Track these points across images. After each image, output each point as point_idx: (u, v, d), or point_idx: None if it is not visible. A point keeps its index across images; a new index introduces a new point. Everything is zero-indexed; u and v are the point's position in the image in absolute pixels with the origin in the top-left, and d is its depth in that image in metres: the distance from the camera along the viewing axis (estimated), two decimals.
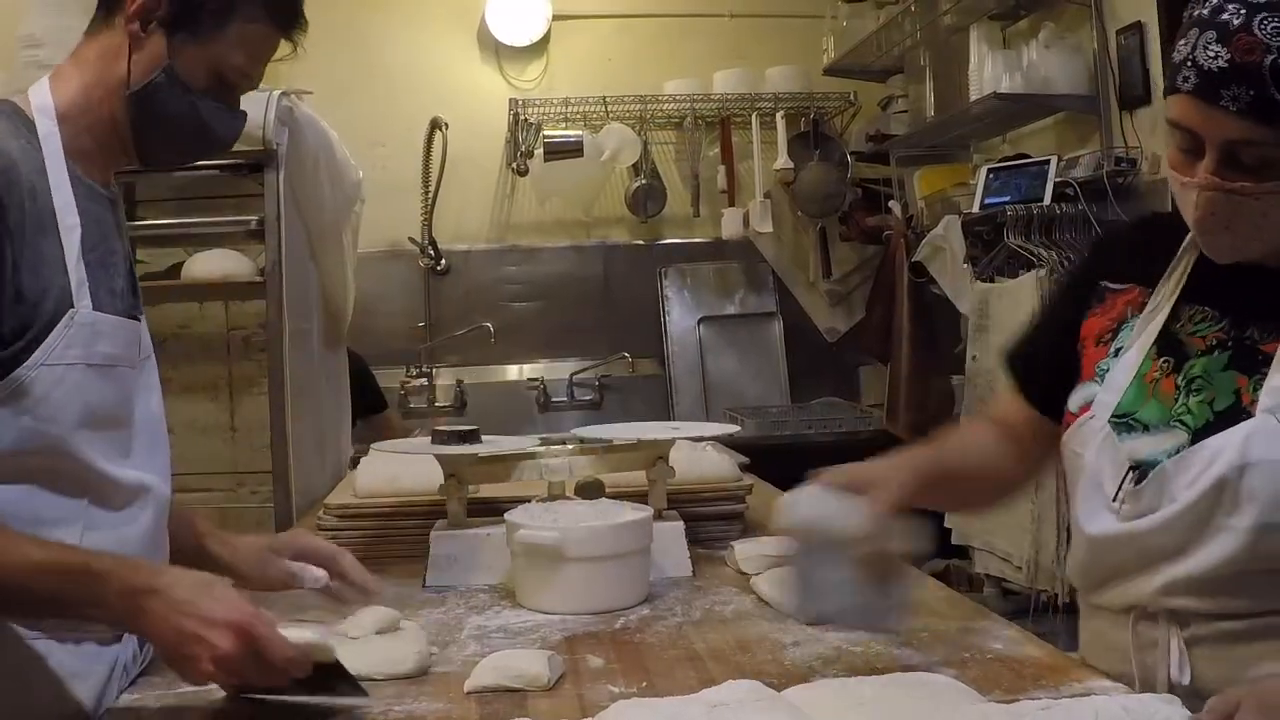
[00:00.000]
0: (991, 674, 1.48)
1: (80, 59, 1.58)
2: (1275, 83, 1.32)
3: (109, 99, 1.55)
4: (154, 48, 1.54)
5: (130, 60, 1.54)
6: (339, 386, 3.60)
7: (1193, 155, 1.42)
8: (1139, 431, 1.51)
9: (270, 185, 3.01)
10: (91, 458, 1.49)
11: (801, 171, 4.94)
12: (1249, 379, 1.45)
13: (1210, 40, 1.36)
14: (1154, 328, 1.55)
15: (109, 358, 1.52)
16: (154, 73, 1.55)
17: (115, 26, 1.55)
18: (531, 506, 1.98)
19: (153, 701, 1.49)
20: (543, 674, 1.48)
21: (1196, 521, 1.42)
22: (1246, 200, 1.39)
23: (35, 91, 1.54)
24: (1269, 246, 1.43)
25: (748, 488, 2.43)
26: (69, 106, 1.54)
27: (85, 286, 1.49)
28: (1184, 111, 1.41)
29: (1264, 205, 1.38)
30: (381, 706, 1.43)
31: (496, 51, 5.06)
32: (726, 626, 1.75)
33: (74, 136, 1.53)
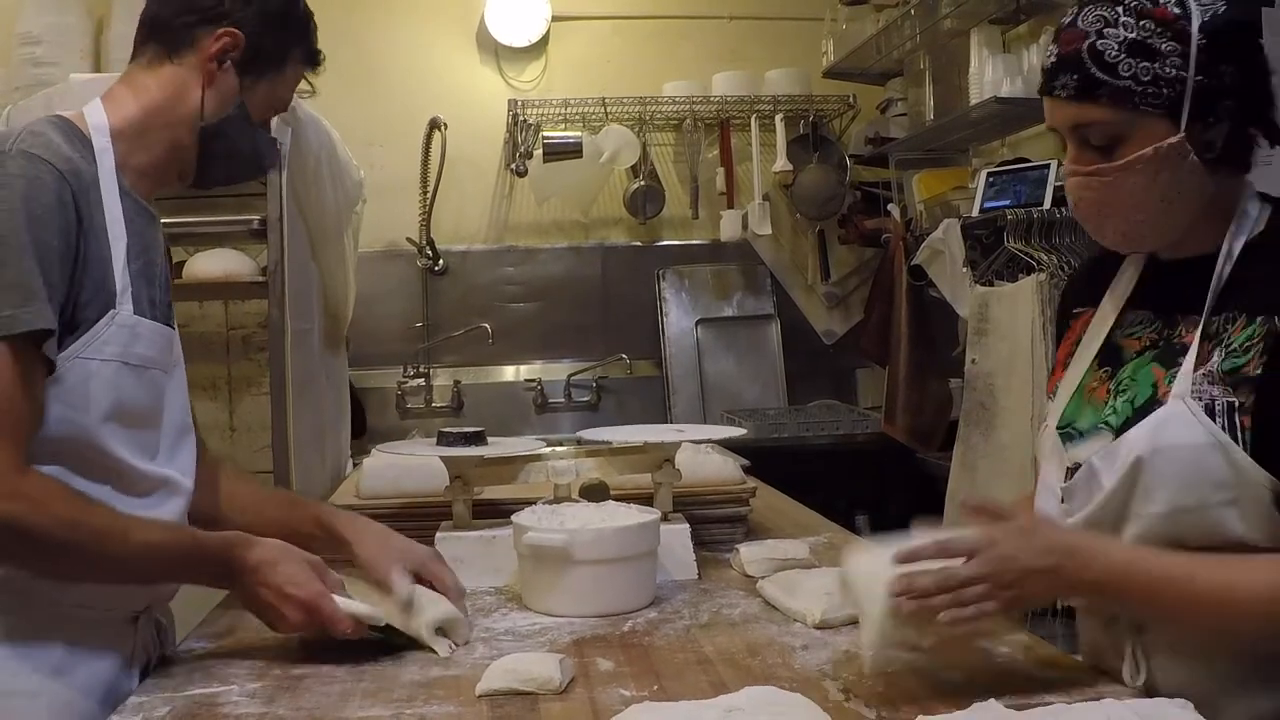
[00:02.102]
0: (1002, 678, 1.48)
1: (137, 86, 1.70)
2: (1095, 63, 1.43)
3: (172, 126, 1.70)
4: (227, 85, 1.72)
5: (204, 95, 1.69)
6: (339, 386, 3.60)
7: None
8: (1077, 438, 1.57)
9: (273, 185, 3.01)
10: (116, 451, 1.58)
11: (800, 174, 4.94)
12: (1166, 371, 1.49)
13: (1049, 43, 1.51)
14: (1095, 342, 1.61)
15: (144, 359, 1.61)
16: (228, 108, 1.72)
17: (184, 63, 1.69)
18: (538, 509, 1.98)
19: (160, 703, 1.49)
20: (554, 677, 1.48)
21: (1118, 510, 1.46)
22: (1107, 180, 1.47)
23: (91, 111, 1.66)
24: (1154, 226, 1.50)
25: (751, 490, 2.44)
26: (125, 127, 1.66)
27: (129, 292, 1.59)
28: (1046, 113, 1.53)
29: (1124, 181, 1.46)
30: (392, 710, 1.43)
31: (495, 52, 5.05)
32: (735, 630, 1.76)
33: (127, 155, 1.66)
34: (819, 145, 5.00)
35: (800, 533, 2.43)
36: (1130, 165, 1.45)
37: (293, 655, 1.68)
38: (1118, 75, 1.43)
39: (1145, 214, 1.48)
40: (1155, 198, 1.46)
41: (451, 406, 4.88)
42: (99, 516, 1.51)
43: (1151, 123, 1.43)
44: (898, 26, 4.34)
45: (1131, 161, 1.45)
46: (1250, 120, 1.46)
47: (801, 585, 1.85)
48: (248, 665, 1.65)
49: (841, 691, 1.45)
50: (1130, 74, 1.42)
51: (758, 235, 4.92)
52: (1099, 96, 1.44)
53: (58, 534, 1.46)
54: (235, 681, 1.57)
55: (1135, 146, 1.45)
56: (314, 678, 1.58)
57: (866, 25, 4.55)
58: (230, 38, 1.68)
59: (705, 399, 4.93)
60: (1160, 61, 1.42)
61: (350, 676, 1.58)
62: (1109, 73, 1.43)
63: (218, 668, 1.64)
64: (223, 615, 1.92)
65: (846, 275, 5.19)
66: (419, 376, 4.85)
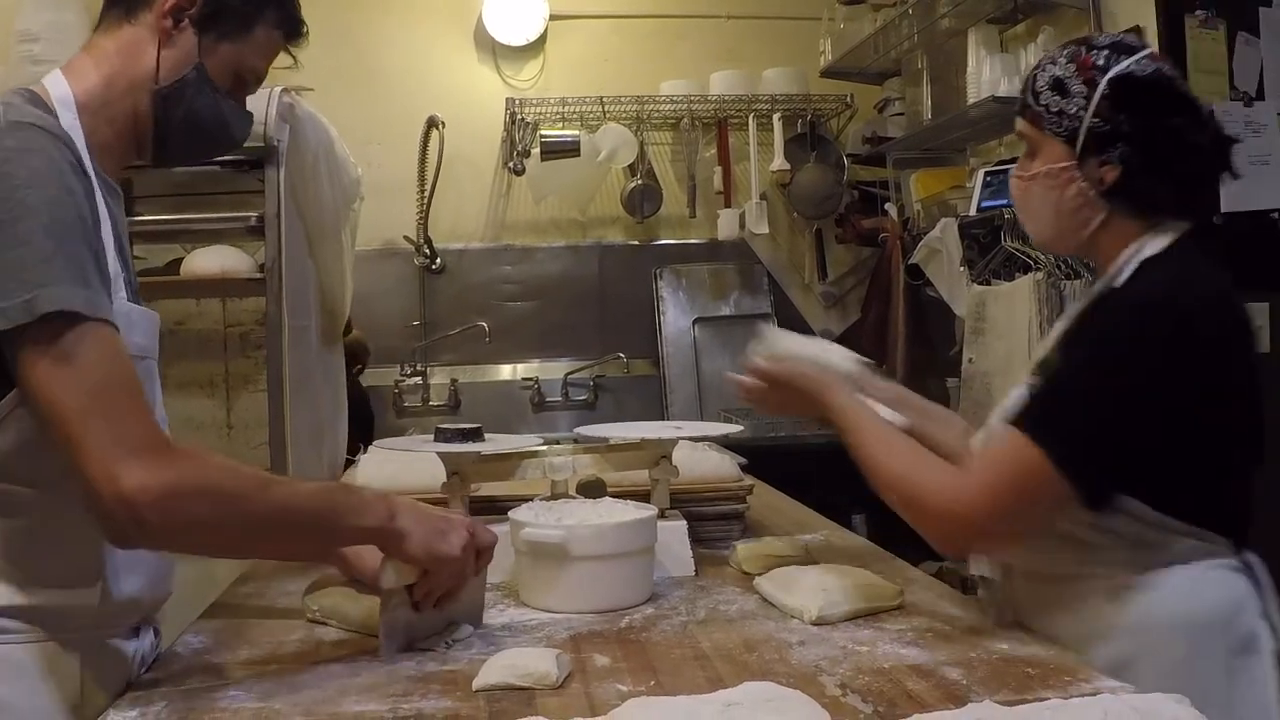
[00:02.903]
0: (999, 674, 1.48)
1: (98, 53, 1.59)
2: (1030, 89, 1.75)
3: (132, 92, 1.57)
4: (184, 45, 1.59)
5: (159, 56, 1.57)
6: (336, 384, 3.59)
7: None
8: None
9: (270, 182, 3.01)
10: None
11: (798, 173, 4.95)
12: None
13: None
14: (1036, 357, 1.87)
15: (140, 349, 1.54)
16: (184, 70, 1.59)
17: (140, 23, 1.58)
18: (535, 505, 1.98)
19: (160, 695, 1.49)
20: (551, 672, 1.48)
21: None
22: (1023, 183, 1.79)
23: (53, 83, 1.54)
24: (1051, 232, 1.79)
25: (749, 488, 2.44)
26: (88, 99, 1.54)
27: (121, 278, 1.51)
28: None
29: (1032, 187, 1.77)
30: (389, 705, 1.43)
31: (493, 51, 5.06)
32: (732, 626, 1.76)
33: (93, 129, 1.54)
34: (816, 144, 5.02)
35: (797, 530, 2.43)
36: (1035, 176, 1.76)
37: (289, 650, 1.68)
38: (1038, 102, 1.73)
39: (1043, 220, 1.79)
40: (1050, 208, 1.76)
41: (449, 405, 4.89)
42: (250, 480, 1.46)
43: (1054, 146, 1.73)
44: (895, 26, 4.35)
45: (1036, 173, 1.76)
46: (1149, 171, 1.68)
47: (798, 582, 1.85)
48: (244, 660, 1.64)
49: (838, 687, 1.44)
50: (1045, 103, 1.72)
51: (755, 234, 4.93)
52: (1024, 115, 1.78)
53: (213, 503, 1.39)
54: (232, 676, 1.57)
55: (1041, 162, 1.75)
56: (310, 673, 1.57)
57: (864, 25, 4.56)
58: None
59: (702, 398, 4.94)
60: (1068, 99, 1.70)
61: (347, 671, 1.57)
62: (1034, 99, 1.74)
63: (214, 663, 1.63)
64: (220, 611, 1.92)
65: (844, 274, 5.20)
66: (416, 375, 4.86)
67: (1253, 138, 3.35)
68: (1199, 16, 3.33)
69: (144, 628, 1.65)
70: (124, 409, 1.35)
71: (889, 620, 1.76)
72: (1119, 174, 1.68)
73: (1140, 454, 1.59)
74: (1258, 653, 1.64)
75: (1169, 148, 1.68)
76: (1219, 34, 3.34)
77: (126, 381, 1.37)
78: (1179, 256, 1.67)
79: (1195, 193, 1.73)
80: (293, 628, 1.81)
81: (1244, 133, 3.34)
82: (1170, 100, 1.69)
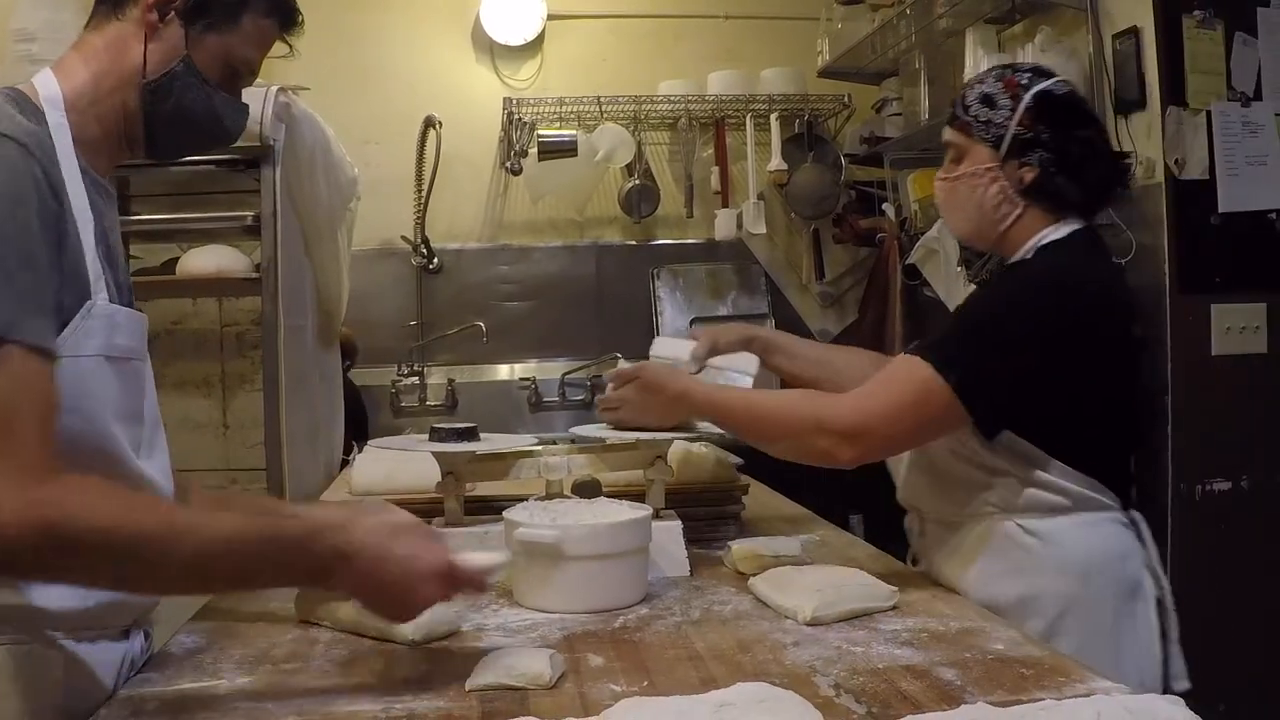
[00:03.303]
0: (993, 674, 1.48)
1: (86, 50, 1.58)
2: (960, 104, 2.05)
3: (121, 89, 1.56)
4: (171, 38, 1.57)
5: (146, 50, 1.55)
6: (332, 383, 3.59)
7: None
8: None
9: (266, 181, 3.01)
10: (124, 452, 1.50)
11: (795, 173, 4.94)
12: None
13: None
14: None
15: (126, 350, 1.52)
16: (172, 63, 1.57)
17: (127, 18, 1.56)
18: (530, 505, 1.97)
19: (152, 695, 1.49)
20: (544, 672, 1.48)
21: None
22: (949, 185, 2.08)
23: (41, 82, 1.53)
24: (974, 228, 2.06)
25: (744, 487, 2.44)
26: (77, 97, 1.54)
27: (102, 279, 1.48)
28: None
29: (957, 187, 2.05)
30: (382, 705, 1.43)
31: (491, 50, 5.05)
32: (726, 626, 1.75)
33: (82, 127, 1.53)
34: (814, 144, 5.01)
35: (793, 530, 2.43)
36: (962, 176, 2.04)
37: (282, 651, 1.68)
38: (968, 113, 2.03)
39: (967, 215, 2.06)
40: (974, 204, 2.03)
41: (446, 405, 4.88)
42: (150, 517, 1.33)
43: (980, 150, 2.02)
44: (893, 26, 4.34)
45: (963, 174, 2.04)
46: (1062, 173, 1.98)
47: (793, 582, 1.84)
48: (237, 659, 1.64)
49: (832, 687, 1.44)
50: (975, 114, 2.02)
51: (752, 234, 4.92)
52: (954, 125, 2.07)
53: (91, 540, 1.28)
54: (225, 676, 1.56)
55: (967, 165, 2.04)
56: (303, 672, 1.57)
57: (862, 25, 4.55)
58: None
59: None
60: (996, 110, 2.00)
61: (339, 672, 1.57)
62: (964, 111, 2.04)
63: (207, 662, 1.63)
64: (213, 611, 1.92)
65: (841, 275, 5.19)
66: (413, 375, 4.85)
67: (1250, 138, 3.35)
68: (1196, 16, 3.32)
69: (134, 630, 1.64)
70: (12, 434, 1.29)
71: (884, 620, 1.75)
72: (1036, 174, 1.98)
73: (1030, 396, 1.89)
74: (1143, 599, 1.95)
75: (1079, 154, 1.99)
76: (1216, 34, 3.33)
77: (23, 406, 1.31)
78: (1073, 244, 1.99)
79: (1099, 195, 2.06)
80: (285, 628, 1.80)
81: (1241, 133, 3.34)
82: (1081, 116, 2.03)
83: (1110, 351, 1.97)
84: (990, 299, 1.99)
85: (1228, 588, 3.22)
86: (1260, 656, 3.23)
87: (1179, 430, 3.24)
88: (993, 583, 1.94)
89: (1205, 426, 3.25)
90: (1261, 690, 3.23)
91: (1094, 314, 1.94)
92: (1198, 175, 3.29)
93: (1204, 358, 3.27)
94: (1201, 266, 3.28)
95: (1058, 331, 1.89)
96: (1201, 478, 3.27)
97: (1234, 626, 3.20)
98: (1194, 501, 3.25)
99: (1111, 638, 1.90)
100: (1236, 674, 3.20)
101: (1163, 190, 3.27)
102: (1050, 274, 1.95)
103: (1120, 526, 1.98)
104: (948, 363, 1.87)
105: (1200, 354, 3.27)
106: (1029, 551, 1.94)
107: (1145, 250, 3.30)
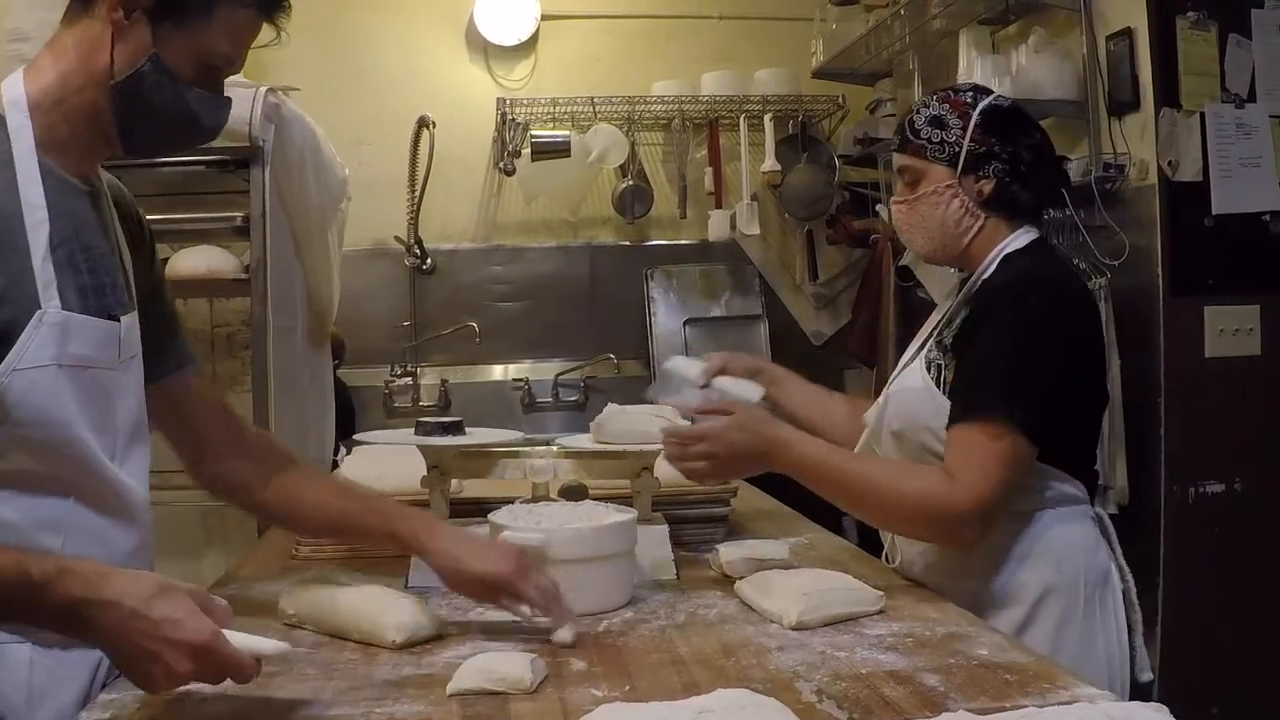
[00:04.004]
0: (977, 680, 1.47)
1: (57, 49, 1.55)
2: (909, 128, 2.11)
3: (89, 88, 1.53)
4: (138, 37, 1.52)
5: (113, 50, 1.52)
6: (322, 384, 3.58)
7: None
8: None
9: (255, 182, 3.01)
10: (98, 458, 1.48)
11: (789, 174, 4.93)
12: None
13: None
14: (921, 336, 2.23)
15: (82, 359, 1.49)
16: (139, 62, 1.53)
17: (95, 16, 1.52)
18: (515, 507, 1.96)
19: (130, 700, 1.47)
20: (525, 677, 1.47)
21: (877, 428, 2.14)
22: (908, 208, 2.13)
23: (8, 85, 1.52)
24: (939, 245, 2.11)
25: (733, 491, 2.43)
26: (43, 97, 1.52)
27: (53, 285, 1.45)
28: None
29: (917, 208, 2.11)
30: (362, 709, 1.42)
31: (485, 50, 5.04)
32: (710, 630, 1.74)
33: (48, 128, 1.51)
34: (807, 145, 5.00)
35: (781, 533, 2.42)
36: (921, 197, 2.10)
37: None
38: (919, 137, 2.09)
39: (930, 234, 2.11)
40: (935, 224, 2.09)
41: (439, 405, 4.87)
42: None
43: (937, 170, 2.08)
44: (887, 27, 4.33)
45: (921, 195, 2.09)
46: (1017, 180, 2.05)
47: (779, 586, 1.83)
48: None
49: (815, 693, 1.43)
50: (926, 136, 2.08)
51: (746, 235, 4.91)
52: (907, 149, 2.11)
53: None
54: None
55: (926, 185, 2.09)
56: (285, 675, 1.56)
57: (856, 25, 4.54)
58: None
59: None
60: (946, 130, 2.06)
61: (321, 675, 1.56)
62: (915, 135, 2.09)
63: None
64: None
65: (834, 276, 5.19)
66: (406, 375, 4.84)
67: (1244, 140, 3.34)
68: (1190, 18, 3.32)
69: None
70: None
71: (869, 625, 1.74)
72: (994, 185, 2.05)
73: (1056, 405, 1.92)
74: (1112, 588, 2.02)
75: (1030, 161, 2.06)
76: (1210, 35, 3.33)
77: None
78: (1036, 251, 2.07)
79: (1050, 198, 2.18)
80: (269, 630, 1.78)
81: (1235, 135, 3.34)
82: (1026, 125, 2.10)
83: (1091, 351, 2.05)
84: (1002, 323, 1.95)
85: (1220, 590, 3.22)
86: (1252, 659, 3.23)
87: (1172, 432, 3.24)
88: (970, 577, 1.99)
89: (1198, 429, 3.25)
90: (1254, 692, 3.23)
91: (1080, 313, 2.01)
92: (1191, 177, 3.29)
93: (1197, 360, 3.27)
94: (1195, 268, 3.28)
95: (1062, 336, 1.95)
96: (1194, 480, 3.27)
97: (1227, 628, 3.20)
98: (1187, 504, 3.24)
99: (1086, 623, 1.97)
100: (1229, 676, 3.20)
101: (1156, 192, 3.27)
102: (1037, 279, 2.00)
103: (1089, 521, 2.05)
104: (1006, 406, 1.88)
105: (1193, 356, 3.27)
106: (1006, 544, 1.99)
107: (1138, 252, 3.29)
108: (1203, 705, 3.20)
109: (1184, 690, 3.06)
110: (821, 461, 1.98)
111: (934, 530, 1.94)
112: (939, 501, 1.88)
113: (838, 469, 1.98)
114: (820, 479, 1.98)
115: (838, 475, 1.97)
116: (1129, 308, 3.32)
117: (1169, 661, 3.11)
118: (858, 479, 1.97)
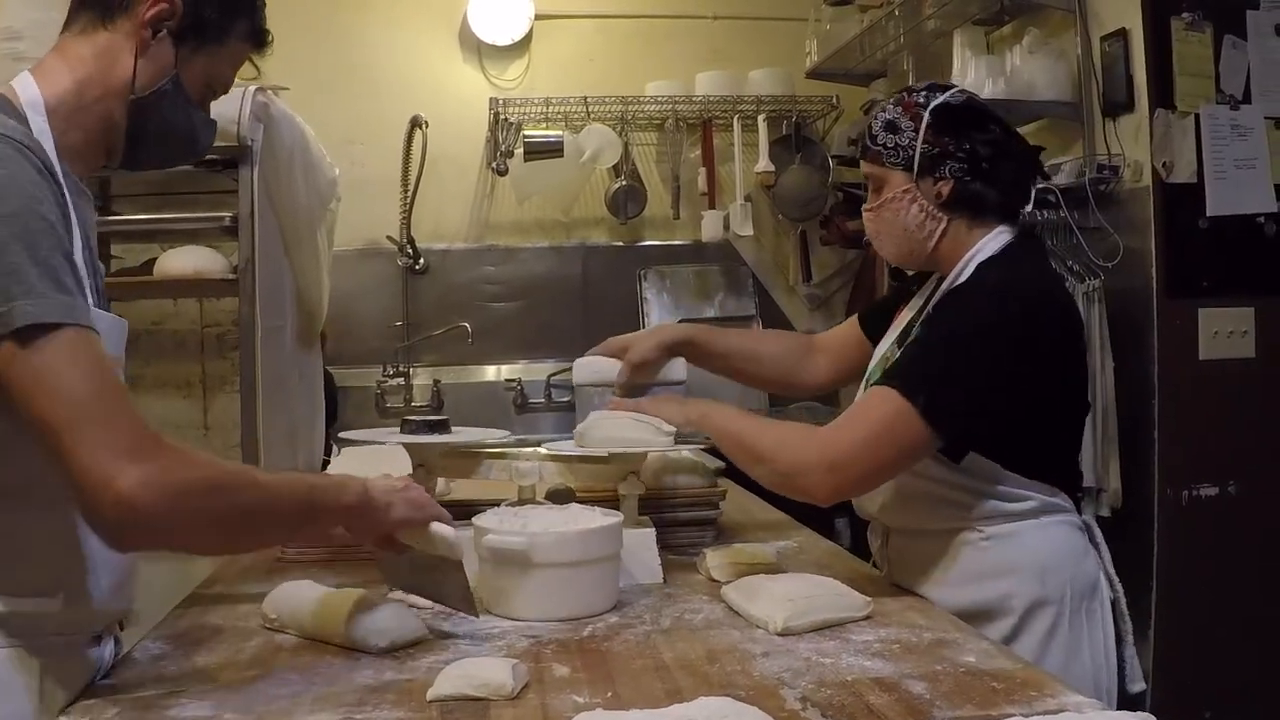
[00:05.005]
0: (963, 688, 1.45)
1: (70, 56, 1.58)
2: (868, 136, 2.10)
3: (106, 99, 1.58)
4: (162, 56, 1.60)
5: (136, 65, 1.57)
6: (312, 385, 3.56)
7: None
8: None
9: (244, 181, 2.99)
10: None
11: (782, 175, 4.91)
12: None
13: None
14: (898, 326, 2.22)
15: (114, 360, 1.50)
16: (161, 80, 1.60)
17: (117, 29, 1.57)
18: (500, 511, 1.95)
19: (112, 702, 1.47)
20: (506, 683, 1.46)
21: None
22: (874, 215, 2.11)
23: (21, 86, 1.53)
24: (905, 250, 2.10)
25: (721, 494, 2.41)
26: (59, 103, 1.54)
27: (89, 283, 1.48)
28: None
29: (882, 215, 2.09)
30: (343, 714, 1.40)
31: (478, 50, 5.02)
32: (696, 636, 1.73)
33: (64, 133, 1.53)
34: (801, 146, 4.98)
35: (770, 536, 2.41)
36: (885, 204, 2.08)
37: (245, 658, 1.66)
38: (876, 143, 2.08)
39: (895, 239, 2.10)
40: (899, 228, 2.07)
41: (431, 406, 4.84)
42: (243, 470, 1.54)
43: (895, 175, 2.06)
44: (881, 27, 4.32)
45: (884, 201, 2.08)
46: (976, 178, 2.02)
47: (765, 591, 1.82)
48: (200, 668, 1.62)
49: (799, 700, 1.41)
50: (882, 142, 2.07)
51: (739, 236, 4.89)
52: (866, 156, 2.11)
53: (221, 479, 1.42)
54: (186, 684, 1.54)
55: (887, 192, 2.07)
56: (265, 680, 1.55)
57: (850, 26, 4.52)
58: (167, 3, 1.57)
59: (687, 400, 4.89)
60: (900, 134, 2.04)
61: (301, 680, 1.55)
62: (873, 141, 2.09)
63: (170, 670, 1.61)
64: (180, 617, 1.90)
65: (828, 277, 5.17)
66: (398, 375, 4.82)
67: (1239, 141, 3.33)
68: (1185, 19, 3.31)
69: (106, 636, 1.63)
70: (111, 412, 1.33)
71: (856, 631, 1.73)
72: (952, 186, 2.02)
73: (993, 415, 1.90)
74: (1100, 599, 2.00)
75: (988, 156, 2.02)
76: (1205, 36, 3.32)
77: (109, 384, 1.36)
78: (1011, 256, 2.02)
79: (1015, 194, 2.09)
80: (250, 634, 1.78)
81: (1230, 136, 3.33)
82: (983, 119, 2.05)
83: (1066, 361, 2.01)
84: (949, 322, 1.97)
85: (1214, 593, 3.21)
86: (1247, 662, 3.22)
87: (1166, 435, 3.23)
88: (957, 590, 1.97)
89: (1192, 431, 3.24)
90: (1249, 695, 3.22)
91: (1051, 326, 1.96)
92: (1186, 178, 3.28)
93: (1191, 362, 3.26)
94: (1189, 270, 3.27)
95: (1019, 347, 1.91)
96: (1189, 483, 3.25)
97: (1221, 632, 3.19)
98: (1181, 507, 3.23)
99: (1073, 634, 1.95)
100: (1223, 679, 3.19)
101: (1150, 193, 3.26)
102: (1003, 289, 1.96)
103: (1074, 529, 2.03)
104: (914, 388, 1.87)
105: (1188, 358, 3.26)
106: (991, 557, 1.98)
107: (1132, 254, 3.28)
108: (1196, 708, 3.19)
109: (1178, 693, 3.05)
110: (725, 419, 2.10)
111: (785, 471, 1.97)
112: (797, 444, 1.97)
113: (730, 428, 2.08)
114: (718, 433, 2.10)
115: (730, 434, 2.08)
116: (1123, 310, 3.30)
117: (1163, 665, 3.11)
118: (749, 432, 2.05)
